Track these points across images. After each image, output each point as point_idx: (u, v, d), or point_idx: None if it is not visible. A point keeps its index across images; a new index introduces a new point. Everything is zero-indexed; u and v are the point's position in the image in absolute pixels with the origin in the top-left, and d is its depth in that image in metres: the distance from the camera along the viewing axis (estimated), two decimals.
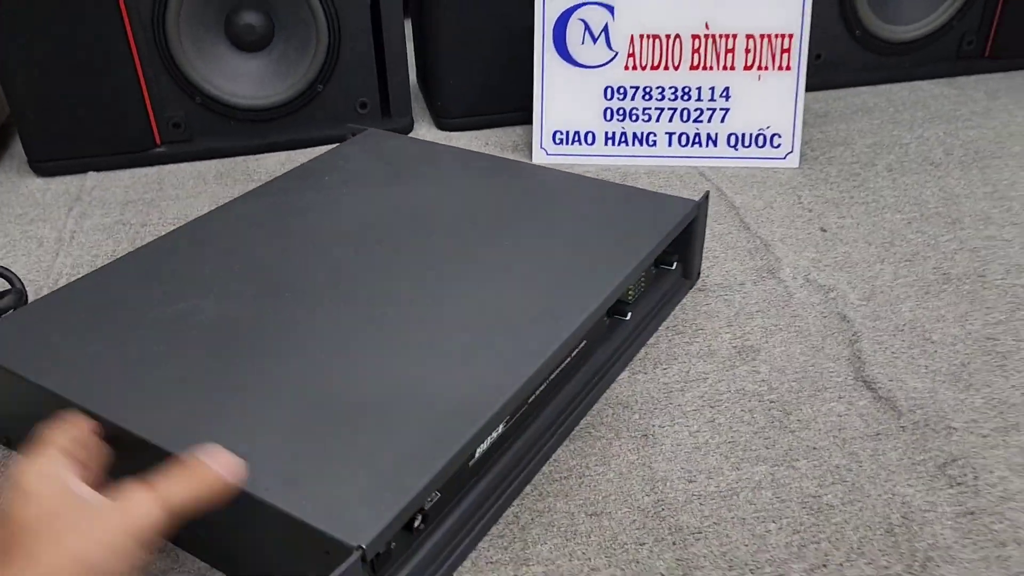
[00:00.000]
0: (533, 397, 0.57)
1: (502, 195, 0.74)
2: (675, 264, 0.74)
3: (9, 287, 0.72)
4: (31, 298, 0.76)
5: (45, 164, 1.00)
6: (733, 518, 0.54)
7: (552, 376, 0.59)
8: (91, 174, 1.00)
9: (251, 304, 0.60)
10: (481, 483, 0.53)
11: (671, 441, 0.60)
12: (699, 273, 0.77)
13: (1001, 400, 0.63)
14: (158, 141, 1.02)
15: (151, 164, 1.02)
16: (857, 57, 1.17)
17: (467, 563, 0.51)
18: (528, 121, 1.05)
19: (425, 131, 1.10)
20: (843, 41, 1.16)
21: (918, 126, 1.07)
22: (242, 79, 1.01)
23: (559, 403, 0.61)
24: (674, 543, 0.52)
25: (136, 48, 0.96)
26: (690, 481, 0.57)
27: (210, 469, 0.43)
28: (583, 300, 0.60)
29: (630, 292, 0.68)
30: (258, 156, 1.04)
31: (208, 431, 0.48)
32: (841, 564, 0.51)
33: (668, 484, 0.56)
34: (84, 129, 0.99)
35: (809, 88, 1.17)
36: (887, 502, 0.55)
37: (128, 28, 0.95)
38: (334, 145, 0.88)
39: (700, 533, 0.53)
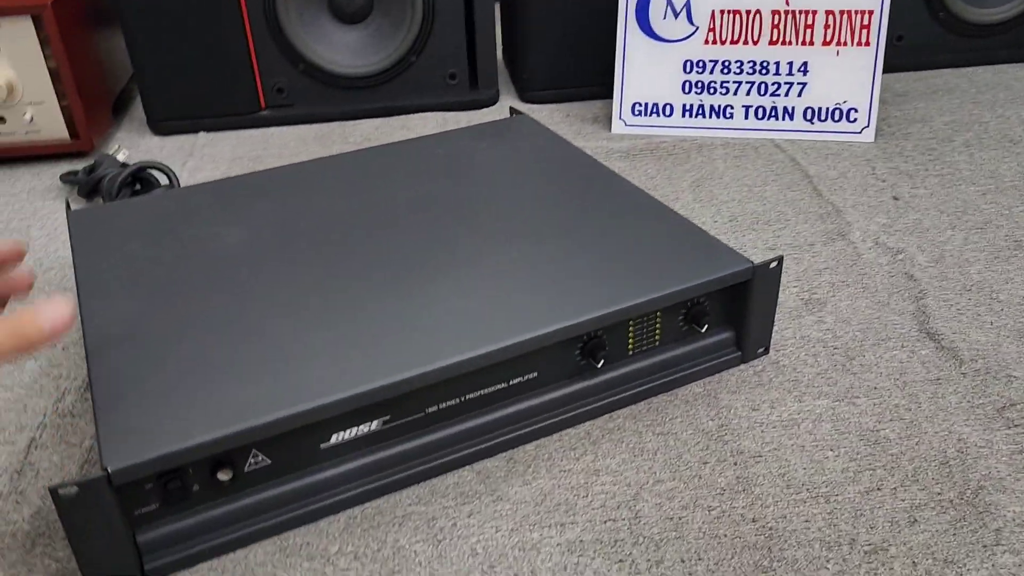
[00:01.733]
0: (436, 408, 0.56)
1: (563, 197, 0.71)
2: (705, 327, 0.61)
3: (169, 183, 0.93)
4: None
5: (162, 123, 1.09)
6: (793, 445, 0.57)
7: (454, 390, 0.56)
8: (202, 134, 1.09)
9: (260, 247, 0.65)
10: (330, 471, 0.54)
11: (736, 378, 0.64)
12: (765, 349, 0.65)
13: None
14: (263, 105, 1.10)
15: (256, 127, 1.10)
16: (940, 39, 1.18)
17: (542, 468, 0.56)
18: (608, 95, 1.09)
19: (510, 102, 1.15)
20: (926, 23, 1.16)
21: (999, 106, 1.07)
22: (342, 49, 1.08)
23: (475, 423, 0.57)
24: (735, 463, 0.56)
25: (248, 18, 1.04)
26: (753, 410, 0.60)
27: (36, 324, 0.44)
28: (534, 322, 0.55)
29: (630, 338, 0.60)
30: (354, 122, 1.11)
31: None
32: (895, 489, 0.54)
33: (732, 411, 0.60)
34: (198, 92, 1.08)
35: (891, 69, 1.19)
36: (943, 438, 0.57)
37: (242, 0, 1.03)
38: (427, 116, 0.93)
39: (760, 456, 0.57)
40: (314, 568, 0.50)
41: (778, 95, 1.02)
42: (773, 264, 0.61)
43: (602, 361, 0.58)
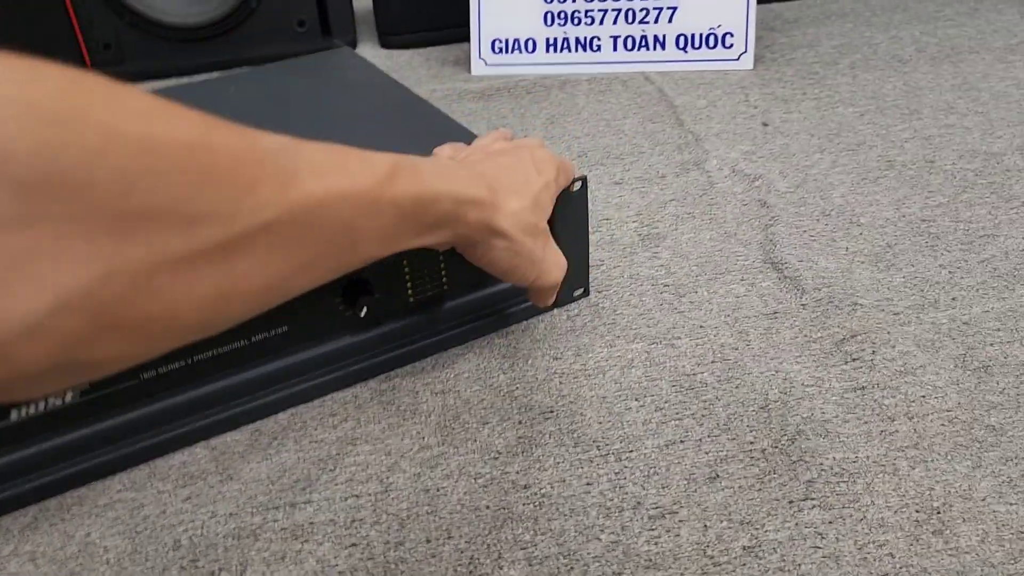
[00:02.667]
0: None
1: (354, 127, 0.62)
2: None
3: None
4: None
5: None
6: (592, 397, 0.48)
7: None
8: None
9: None
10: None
11: (545, 324, 0.55)
12: (584, 291, 0.56)
13: (924, 279, 0.56)
14: (88, 64, 0.99)
15: None
16: None
17: (290, 440, 0.47)
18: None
19: (368, 50, 1.05)
20: None
21: (893, 27, 0.98)
22: None
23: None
24: (520, 422, 0.47)
25: None
26: (555, 359, 0.51)
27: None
28: None
29: (408, 281, 0.50)
30: (192, 77, 1.00)
31: None
32: (700, 440, 0.45)
33: (529, 363, 0.51)
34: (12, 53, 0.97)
35: None
36: (768, 379, 0.49)
37: None
38: None
39: (552, 412, 0.48)
40: None
41: (647, 22, 0.92)
42: (576, 186, 0.52)
43: (365, 310, 0.49)
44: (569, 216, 0.52)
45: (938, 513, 0.40)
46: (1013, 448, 0.43)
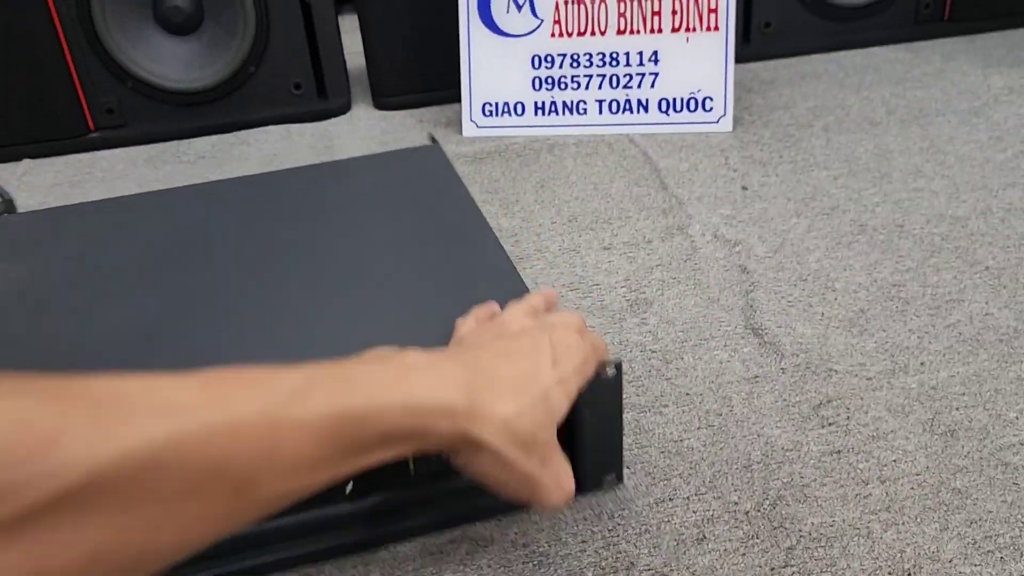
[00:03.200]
0: None
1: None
2: None
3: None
4: None
5: None
6: None
7: None
8: (25, 161, 1.01)
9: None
10: None
11: None
12: (616, 474, 0.49)
13: (895, 344, 0.60)
14: (92, 127, 1.02)
15: (86, 150, 1.03)
16: (809, 24, 1.14)
17: None
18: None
19: (362, 111, 1.09)
20: (793, 8, 1.13)
21: (865, 88, 1.03)
22: (173, 62, 1.01)
23: None
24: None
25: (63, 32, 0.97)
26: None
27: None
28: None
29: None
30: (191, 140, 1.04)
31: None
32: (688, 498, 0.48)
33: None
34: (17, 117, 1.00)
35: (759, 57, 1.15)
36: (750, 442, 0.52)
37: (54, 12, 0.96)
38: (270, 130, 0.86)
39: None
40: None
41: (630, 87, 0.97)
42: (610, 372, 0.43)
43: (351, 485, 0.44)
44: (600, 404, 0.44)
45: (909, 575, 0.43)
46: (977, 510, 0.46)
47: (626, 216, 0.79)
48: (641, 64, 0.96)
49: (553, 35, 0.96)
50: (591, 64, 0.96)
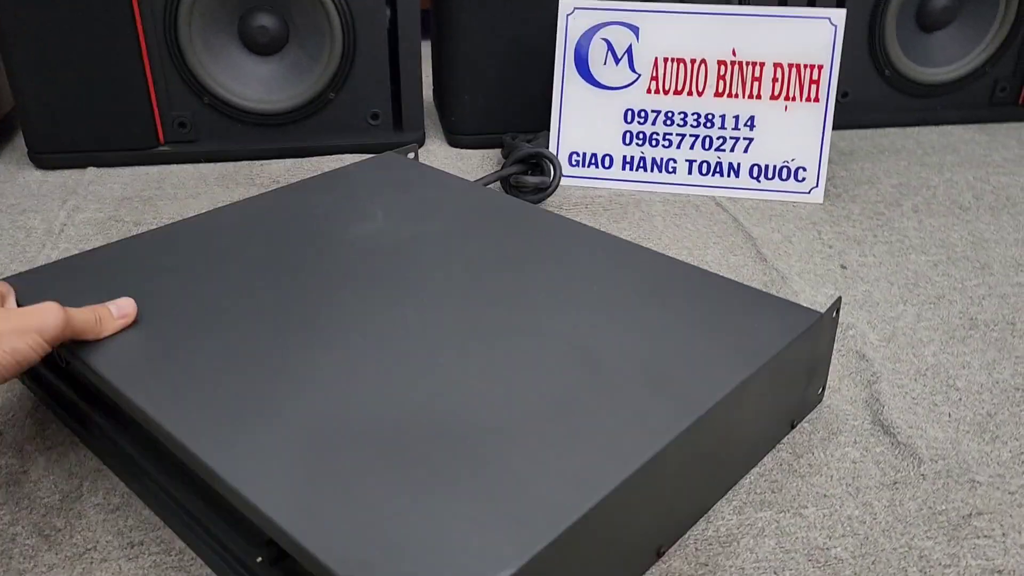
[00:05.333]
0: None
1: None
2: None
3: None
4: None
5: (45, 156, 0.98)
6: (731, 567, 0.49)
7: None
8: (91, 169, 0.98)
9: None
10: None
11: None
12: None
13: None
14: (162, 140, 0.99)
15: (154, 163, 1.00)
16: (886, 97, 1.14)
17: None
18: None
19: (437, 147, 1.07)
20: (872, 80, 1.12)
21: (947, 169, 1.03)
22: (252, 82, 0.99)
23: None
24: None
25: (145, 42, 0.94)
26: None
27: (108, 310, 0.53)
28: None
29: None
30: (263, 162, 1.01)
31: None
32: None
33: None
34: (86, 123, 0.97)
35: (835, 126, 1.14)
36: (903, 555, 0.50)
37: (138, 21, 0.93)
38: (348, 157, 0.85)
39: None
40: None
41: (723, 150, 0.95)
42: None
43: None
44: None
45: None
46: None
47: None
48: (736, 128, 0.94)
49: (649, 91, 0.95)
50: (685, 123, 0.95)
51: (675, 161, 0.96)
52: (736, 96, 0.94)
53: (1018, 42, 1.13)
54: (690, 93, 0.95)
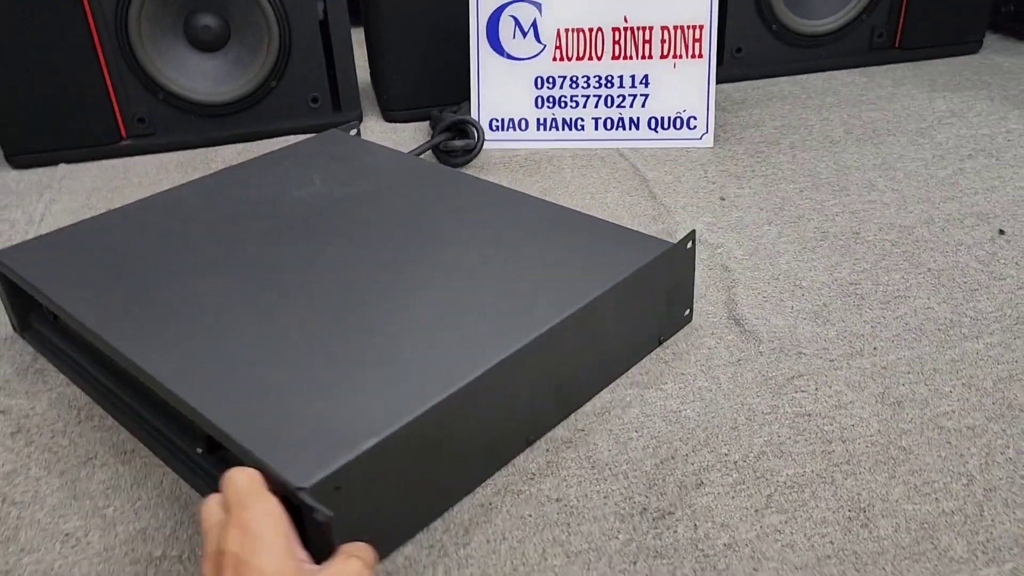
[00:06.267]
0: None
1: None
2: None
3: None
4: None
5: (19, 157, 1.09)
6: (602, 430, 0.62)
7: None
8: (62, 166, 1.09)
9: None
10: None
11: None
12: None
13: (853, 332, 0.71)
14: (124, 135, 1.11)
15: (118, 156, 1.11)
16: (775, 50, 1.27)
17: None
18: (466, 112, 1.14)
19: (374, 123, 1.19)
20: (762, 36, 1.25)
21: (826, 110, 1.16)
22: (200, 77, 1.10)
23: None
24: (547, 450, 0.61)
25: (101, 47, 1.05)
26: None
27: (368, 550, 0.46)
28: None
29: None
30: (216, 148, 1.12)
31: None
32: (687, 455, 0.59)
33: None
34: (55, 124, 1.08)
35: (730, 79, 1.27)
36: (736, 410, 0.63)
37: (93, 28, 1.04)
38: (293, 137, 0.97)
39: (571, 443, 0.61)
40: None
41: (623, 106, 1.08)
42: (689, 244, 0.69)
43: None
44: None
45: (864, 511, 0.54)
46: (918, 463, 0.58)
47: (621, 221, 0.90)
48: (633, 86, 1.07)
49: (555, 59, 1.07)
50: (588, 85, 1.07)
51: (583, 120, 1.08)
52: (631, 58, 1.07)
53: None
54: (591, 58, 1.07)
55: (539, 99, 1.09)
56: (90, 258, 0.69)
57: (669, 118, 1.08)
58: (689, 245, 0.70)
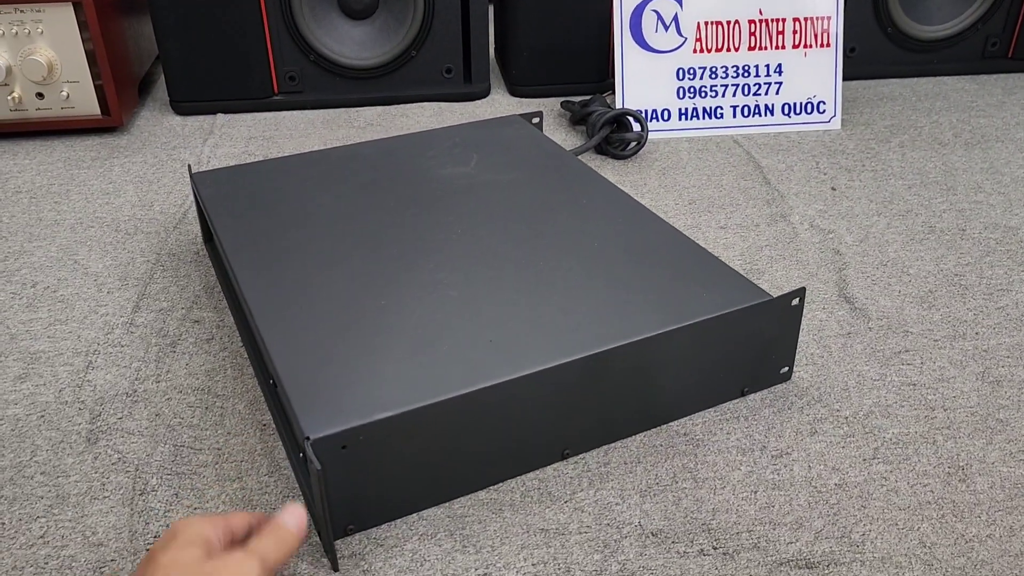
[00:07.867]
0: None
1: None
2: None
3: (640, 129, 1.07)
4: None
5: (184, 104, 1.21)
6: None
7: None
8: (220, 115, 1.20)
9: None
10: None
11: None
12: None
13: (956, 318, 0.77)
14: (276, 91, 1.21)
15: (270, 110, 1.22)
16: (888, 52, 1.31)
17: None
18: (591, 92, 1.21)
19: (500, 96, 1.27)
20: (876, 37, 1.29)
21: (935, 113, 1.20)
22: (349, 42, 1.20)
23: None
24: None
25: (266, 12, 1.15)
26: None
27: (290, 531, 0.49)
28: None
29: None
30: (358, 108, 1.22)
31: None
32: (802, 408, 0.66)
33: None
34: (217, 77, 1.19)
35: (844, 79, 1.32)
36: (847, 375, 0.70)
37: None
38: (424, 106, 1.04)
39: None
40: None
41: (759, 94, 1.15)
42: (795, 301, 0.65)
43: None
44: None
45: (962, 469, 0.61)
46: (1012, 434, 0.64)
47: (735, 204, 0.97)
48: (768, 75, 1.14)
49: (695, 51, 1.14)
50: (727, 76, 1.14)
51: (721, 108, 1.15)
52: (765, 48, 1.13)
53: (1007, 1, 1.29)
54: (728, 50, 1.14)
55: (680, 90, 1.15)
56: (255, 192, 0.81)
57: (801, 103, 1.14)
58: (795, 302, 0.64)
